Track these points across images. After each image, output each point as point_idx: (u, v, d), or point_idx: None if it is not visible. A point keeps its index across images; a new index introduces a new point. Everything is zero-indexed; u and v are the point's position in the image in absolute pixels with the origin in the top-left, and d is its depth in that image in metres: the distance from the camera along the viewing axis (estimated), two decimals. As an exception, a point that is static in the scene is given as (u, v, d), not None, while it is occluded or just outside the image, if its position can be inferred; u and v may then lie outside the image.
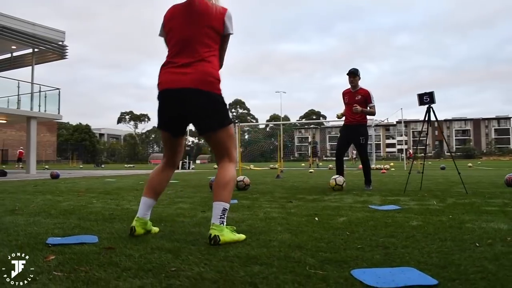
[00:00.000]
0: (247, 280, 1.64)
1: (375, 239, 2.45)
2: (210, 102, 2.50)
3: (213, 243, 2.31)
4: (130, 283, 1.63)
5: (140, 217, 2.63)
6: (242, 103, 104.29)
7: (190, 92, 2.47)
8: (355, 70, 6.45)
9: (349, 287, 1.55)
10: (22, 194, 5.87)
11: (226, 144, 2.60)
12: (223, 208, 2.43)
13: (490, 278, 1.63)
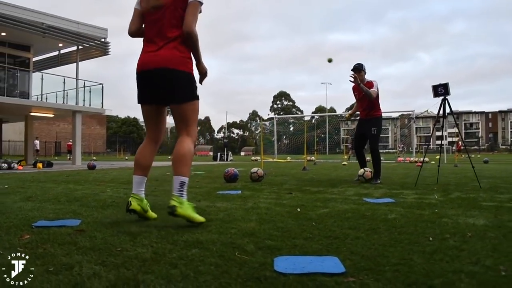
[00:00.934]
0: (172, 261, 1.80)
1: (333, 230, 2.52)
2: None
3: (170, 212, 2.50)
4: (72, 259, 1.83)
5: (135, 193, 2.84)
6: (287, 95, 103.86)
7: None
8: (359, 65, 6.42)
9: (259, 271, 1.66)
10: (50, 183, 6.32)
11: (187, 117, 2.79)
12: (180, 181, 2.59)
13: (402, 270, 1.68)
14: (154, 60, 2.74)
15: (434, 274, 1.59)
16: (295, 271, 1.62)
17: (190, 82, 2.79)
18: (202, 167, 13.27)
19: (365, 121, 6.50)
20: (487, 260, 1.80)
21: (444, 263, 1.77)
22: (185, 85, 2.76)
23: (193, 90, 2.80)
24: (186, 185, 2.61)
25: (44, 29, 16.21)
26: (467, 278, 1.54)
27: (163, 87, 2.76)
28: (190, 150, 2.71)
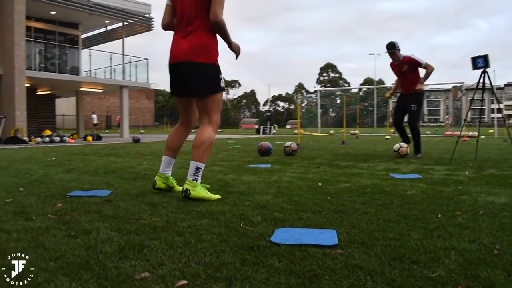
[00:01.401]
0: (180, 229, 1.95)
1: (345, 205, 2.58)
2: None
3: (185, 196, 2.63)
4: (92, 225, 2.03)
5: (161, 172, 3.03)
6: (333, 66, 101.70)
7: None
8: (392, 45, 6.24)
9: (256, 241, 1.77)
10: (94, 156, 6.71)
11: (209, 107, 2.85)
12: (196, 167, 2.71)
13: (395, 245, 1.74)
14: (178, 54, 2.82)
15: (424, 250, 1.63)
16: (289, 242, 1.72)
17: (211, 74, 2.81)
18: (242, 141, 13.47)
19: (406, 96, 6.38)
20: (487, 238, 1.81)
21: (441, 240, 1.80)
22: (206, 79, 2.80)
23: (215, 83, 2.83)
24: (201, 171, 2.73)
25: (90, 6, 16.74)
26: (455, 255, 1.58)
27: (183, 80, 2.85)
28: (210, 137, 2.80)
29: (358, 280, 1.32)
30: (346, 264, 1.46)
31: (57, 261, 1.51)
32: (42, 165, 5.07)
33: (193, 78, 2.80)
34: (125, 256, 1.57)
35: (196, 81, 2.80)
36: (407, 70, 6.22)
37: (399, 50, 6.30)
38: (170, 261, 1.51)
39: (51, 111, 20.58)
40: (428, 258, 1.53)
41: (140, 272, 1.39)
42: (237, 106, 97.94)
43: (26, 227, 2.00)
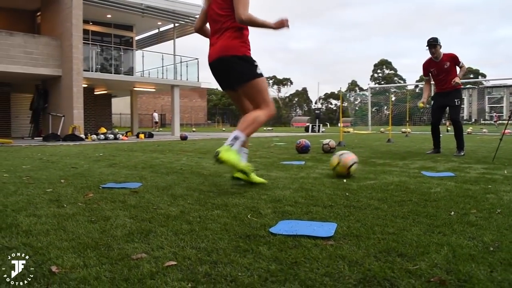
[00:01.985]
0: (189, 219, 2.08)
1: (360, 201, 2.60)
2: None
3: (215, 156, 2.77)
4: (113, 213, 2.21)
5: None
6: (388, 63, 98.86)
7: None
8: (435, 39, 6.09)
9: (255, 231, 1.86)
10: (139, 152, 7.06)
11: (253, 97, 3.07)
12: (235, 135, 2.87)
13: (389, 238, 1.77)
14: (212, 53, 3.09)
15: (416, 245, 1.65)
16: (286, 233, 1.80)
17: (243, 64, 3.01)
18: (288, 139, 13.52)
19: (446, 93, 6.20)
20: (490, 236, 1.79)
21: (440, 236, 1.80)
22: (239, 68, 3.00)
23: (249, 71, 3.01)
24: (239, 140, 2.87)
25: (142, 9, 17.44)
26: (447, 250, 1.58)
27: (223, 75, 3.11)
28: (258, 116, 2.98)
29: (335, 269, 1.38)
30: (331, 254, 1.52)
31: (71, 241, 1.69)
32: (89, 160, 5.43)
33: (227, 71, 3.05)
34: (131, 239, 1.72)
35: (230, 73, 3.04)
36: (449, 67, 6.07)
37: (441, 47, 6.14)
38: (168, 245, 1.64)
39: (108, 110, 21.67)
40: (416, 252, 1.56)
41: (138, 253, 1.53)
42: (288, 105, 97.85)
43: (55, 213, 2.21)
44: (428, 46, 6.12)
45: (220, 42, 3.01)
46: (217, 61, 3.06)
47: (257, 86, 3.03)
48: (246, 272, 1.34)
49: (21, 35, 14.05)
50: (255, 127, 2.98)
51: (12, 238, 1.75)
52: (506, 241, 1.71)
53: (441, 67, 6.11)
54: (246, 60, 3.01)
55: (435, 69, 6.21)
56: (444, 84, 6.20)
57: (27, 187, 3.10)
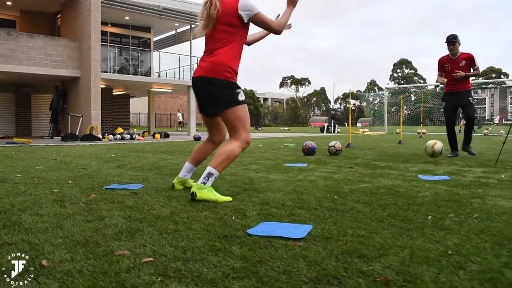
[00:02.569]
0: (177, 219, 2.24)
1: (345, 204, 2.72)
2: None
3: (191, 198, 2.76)
4: (109, 213, 2.38)
5: (180, 177, 3.31)
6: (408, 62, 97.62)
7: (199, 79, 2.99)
8: (454, 36, 6.15)
9: (234, 232, 2.01)
10: (150, 153, 7.28)
11: (233, 124, 2.93)
12: (209, 172, 2.82)
13: (355, 241, 1.89)
14: (197, 71, 3.00)
15: (379, 247, 1.77)
16: (261, 234, 1.94)
17: (223, 89, 2.89)
18: (301, 139, 13.61)
19: (459, 93, 6.27)
20: (455, 240, 1.89)
21: (407, 239, 1.91)
22: (218, 93, 2.90)
23: (230, 98, 2.89)
24: (213, 177, 2.83)
25: (160, 11, 17.75)
26: (406, 253, 1.69)
27: (203, 95, 3.00)
28: (232, 150, 2.87)
29: (294, 268, 1.52)
30: (295, 254, 1.66)
31: (65, 238, 1.87)
32: (99, 161, 5.65)
33: (207, 94, 2.95)
34: (118, 238, 1.89)
35: (210, 97, 2.94)
36: (464, 66, 6.11)
37: (459, 45, 6.20)
38: (151, 243, 1.80)
39: (125, 110, 22.09)
40: (376, 254, 1.68)
41: (122, 250, 1.70)
42: (306, 104, 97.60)
43: (57, 212, 2.40)
44: (447, 42, 6.18)
45: (207, 61, 2.93)
46: (199, 80, 2.95)
47: (237, 115, 2.91)
48: (213, 269, 1.49)
49: (42, 37, 14.49)
50: (229, 162, 2.90)
51: (14, 235, 1.94)
52: (468, 245, 1.81)
53: (456, 65, 6.15)
54: (228, 86, 2.90)
55: (449, 65, 6.25)
56: (456, 83, 6.22)
57: (36, 188, 3.32)
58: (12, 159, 6.10)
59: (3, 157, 6.43)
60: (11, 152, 7.61)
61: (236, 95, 2.92)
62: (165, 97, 51.52)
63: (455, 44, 6.16)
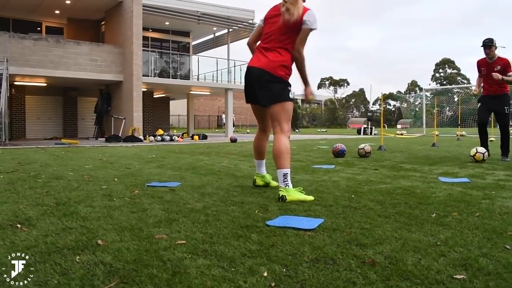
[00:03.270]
0: (208, 212, 2.59)
1: (359, 202, 2.99)
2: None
3: (281, 201, 2.95)
4: (150, 206, 2.77)
5: (257, 173, 3.72)
6: (451, 62, 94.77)
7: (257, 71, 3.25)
8: (491, 40, 6.23)
9: (256, 223, 2.34)
10: (187, 154, 7.74)
11: (278, 116, 3.21)
12: (283, 173, 3.08)
13: (355, 232, 2.18)
14: (255, 62, 3.25)
15: (378, 238, 2.04)
16: (277, 225, 2.26)
17: (278, 85, 3.17)
18: (336, 141, 13.78)
19: (495, 97, 6.33)
20: (447, 234, 2.13)
21: (405, 232, 2.17)
22: (272, 89, 3.17)
23: (281, 94, 3.17)
24: (288, 175, 3.08)
25: (198, 16, 18.38)
26: (399, 243, 1.96)
27: (257, 87, 3.24)
28: (285, 145, 3.13)
29: (299, 251, 1.83)
30: (303, 241, 1.97)
31: (114, 225, 2.26)
32: (142, 161, 6.14)
33: (263, 86, 3.20)
34: (158, 225, 2.27)
35: (265, 90, 3.20)
36: (499, 70, 6.16)
37: (496, 48, 6.28)
38: (184, 229, 2.16)
39: (166, 112, 22.92)
40: (373, 243, 1.96)
41: (160, 234, 2.07)
42: (345, 106, 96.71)
43: (106, 205, 2.82)
44: (483, 46, 6.28)
45: (267, 57, 3.17)
46: (257, 71, 3.19)
47: (285, 109, 3.18)
48: (233, 250, 1.83)
49: (87, 44, 15.39)
50: (289, 155, 3.15)
51: (73, 221, 2.36)
52: (457, 238, 2.06)
53: (491, 69, 6.22)
54: (282, 83, 3.18)
55: (485, 69, 6.35)
56: (491, 86, 6.32)
57: (87, 184, 3.78)
58: (63, 159, 6.70)
59: (55, 157, 7.06)
60: (61, 152, 8.28)
61: (286, 93, 3.21)
62: (204, 99, 52.53)
63: (491, 47, 6.22)
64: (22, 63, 13.84)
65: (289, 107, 3.23)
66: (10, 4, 15.88)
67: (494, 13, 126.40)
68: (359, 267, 1.63)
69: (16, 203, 2.87)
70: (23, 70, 13.92)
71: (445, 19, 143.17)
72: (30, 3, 16.03)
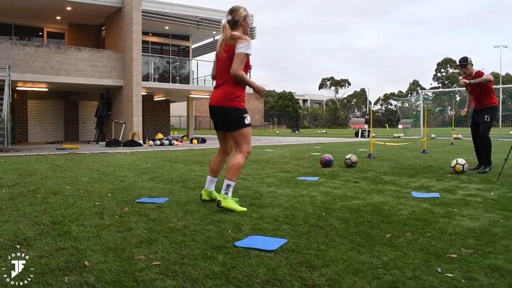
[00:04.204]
0: (186, 231, 2.91)
1: (327, 220, 3.29)
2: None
3: (217, 205, 3.58)
4: (136, 225, 3.09)
5: (206, 188, 4.08)
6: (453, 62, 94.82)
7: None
8: (465, 59, 6.56)
9: (225, 243, 2.65)
10: (181, 164, 8.07)
11: (237, 140, 3.77)
12: (227, 184, 3.63)
13: (310, 253, 2.50)
14: (213, 100, 3.81)
15: (328, 259, 2.35)
16: (244, 245, 2.57)
17: (235, 115, 3.70)
18: (329, 146, 14.07)
19: (480, 110, 6.64)
20: (391, 255, 2.44)
21: (355, 254, 2.47)
22: (231, 119, 3.72)
23: (239, 122, 3.71)
24: (231, 187, 3.64)
25: (197, 21, 18.72)
26: (345, 265, 2.28)
27: (218, 118, 3.85)
28: (238, 162, 3.68)
29: (256, 272, 2.14)
30: (262, 262, 2.28)
31: (101, 245, 2.58)
32: (136, 173, 6.47)
33: (222, 118, 3.80)
34: (140, 245, 2.58)
35: (224, 120, 3.80)
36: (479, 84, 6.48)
37: (472, 65, 6.58)
38: (162, 250, 2.48)
39: (166, 115, 23.25)
40: (321, 265, 2.26)
41: (140, 255, 2.39)
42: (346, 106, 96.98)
43: (97, 224, 3.14)
44: (459, 66, 6.59)
45: (220, 92, 3.72)
46: (216, 108, 3.77)
47: (243, 134, 3.73)
48: (199, 271, 2.15)
49: (88, 50, 15.74)
50: (239, 171, 3.71)
51: (66, 241, 2.68)
52: (398, 261, 2.35)
53: (473, 84, 6.53)
54: (238, 113, 3.70)
55: (469, 87, 6.65)
56: (478, 102, 6.65)
57: (82, 200, 4.11)
58: (62, 169, 7.04)
59: (55, 167, 7.40)
60: (61, 161, 8.62)
61: (243, 120, 3.74)
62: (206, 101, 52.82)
63: (466, 66, 6.56)
64: (24, 69, 14.20)
65: (246, 132, 3.75)
66: (12, 10, 16.25)
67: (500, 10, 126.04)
68: (301, 289, 1.95)
69: (16, 222, 3.20)
70: (25, 76, 14.28)
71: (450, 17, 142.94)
72: (31, 9, 16.39)
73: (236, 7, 3.78)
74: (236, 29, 3.75)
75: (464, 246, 2.63)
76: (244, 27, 3.79)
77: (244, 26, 3.80)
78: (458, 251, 2.54)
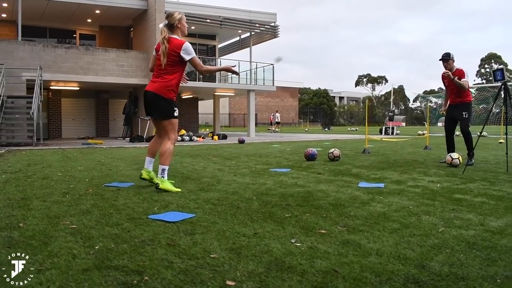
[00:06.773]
0: (119, 207, 3.50)
1: (250, 203, 3.76)
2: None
3: (155, 187, 4.18)
4: (86, 201, 3.71)
5: (145, 168, 4.61)
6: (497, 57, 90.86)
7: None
8: (447, 54, 6.82)
9: (142, 215, 3.21)
10: (180, 156, 8.68)
11: (167, 128, 4.37)
12: (162, 168, 4.23)
13: (204, 225, 3.02)
14: (149, 87, 4.35)
15: (208, 228, 2.88)
16: (153, 217, 3.11)
17: (166, 105, 4.28)
18: (341, 142, 14.27)
19: (455, 106, 6.94)
20: (266, 228, 2.93)
21: (239, 227, 2.97)
22: (162, 108, 4.29)
23: (169, 112, 4.30)
24: (166, 171, 4.23)
25: (221, 21, 19.40)
26: (219, 233, 2.79)
27: (152, 105, 4.35)
28: (169, 149, 4.30)
29: (141, 234, 2.69)
30: (152, 229, 2.83)
31: (44, 214, 3.20)
32: (128, 163, 7.18)
33: (156, 105, 4.32)
34: (74, 215, 3.19)
35: (157, 108, 4.33)
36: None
37: (454, 61, 6.85)
38: (87, 219, 3.07)
39: (194, 112, 24.15)
40: (197, 228, 2.79)
41: (67, 221, 2.99)
42: (384, 103, 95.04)
43: (55, 200, 3.78)
44: (441, 60, 6.89)
45: (158, 83, 4.25)
46: (150, 94, 4.29)
47: (171, 122, 4.35)
48: (99, 232, 2.72)
49: (114, 51, 16.77)
50: (170, 156, 4.32)
51: (20, 211, 3.33)
52: (270, 232, 2.83)
53: (450, 80, 6.81)
54: (169, 104, 4.29)
55: (447, 81, 6.95)
56: (454, 97, 6.96)
57: (61, 184, 4.79)
58: (69, 160, 7.85)
59: (65, 158, 8.24)
60: (73, 154, 9.49)
61: (173, 112, 4.31)
62: (240, 98, 53.74)
63: (448, 61, 6.83)
64: (55, 69, 15.38)
65: (174, 122, 4.38)
66: (46, 14, 17.55)
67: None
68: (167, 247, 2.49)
69: (-7, 198, 3.91)
70: (56, 76, 15.46)
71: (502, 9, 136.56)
72: (63, 13, 17.63)
73: (171, 12, 4.39)
74: (174, 31, 4.34)
75: (343, 225, 2.94)
76: (180, 28, 4.37)
77: (181, 28, 4.38)
78: (333, 228, 2.85)
